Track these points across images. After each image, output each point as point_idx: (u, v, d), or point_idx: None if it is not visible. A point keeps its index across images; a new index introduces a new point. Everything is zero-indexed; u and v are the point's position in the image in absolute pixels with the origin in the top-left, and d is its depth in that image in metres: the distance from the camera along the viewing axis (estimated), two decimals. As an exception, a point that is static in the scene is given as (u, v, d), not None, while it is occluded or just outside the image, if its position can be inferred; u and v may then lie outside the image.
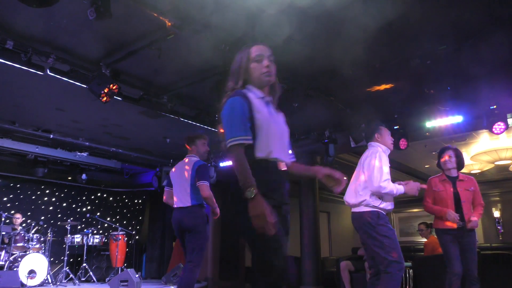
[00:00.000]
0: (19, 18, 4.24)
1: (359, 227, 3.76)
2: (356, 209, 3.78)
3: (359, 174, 3.84)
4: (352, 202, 3.81)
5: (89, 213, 10.69)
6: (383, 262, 3.53)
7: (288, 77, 5.40)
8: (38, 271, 7.24)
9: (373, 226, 3.63)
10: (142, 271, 11.35)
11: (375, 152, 3.83)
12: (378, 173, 3.64)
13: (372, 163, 3.72)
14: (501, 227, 11.74)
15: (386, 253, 3.52)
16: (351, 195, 3.86)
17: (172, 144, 8.58)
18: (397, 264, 3.49)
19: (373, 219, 3.66)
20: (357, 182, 3.82)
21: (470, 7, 3.99)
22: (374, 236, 3.62)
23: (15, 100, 6.33)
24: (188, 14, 4.05)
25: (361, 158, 3.97)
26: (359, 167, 3.92)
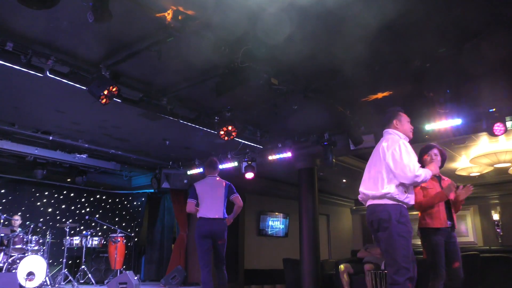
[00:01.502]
0: (19, 20, 4.24)
1: (377, 221, 3.40)
2: (377, 201, 3.42)
3: (379, 164, 3.48)
4: (373, 194, 3.45)
5: (88, 215, 10.67)
6: (392, 266, 3.24)
7: (288, 78, 5.40)
8: (36, 273, 7.22)
9: (392, 223, 3.29)
10: (141, 273, 11.33)
11: (396, 141, 3.51)
12: (409, 163, 3.30)
13: (398, 153, 3.37)
14: (500, 230, 11.73)
15: (399, 256, 3.22)
16: (371, 186, 3.50)
17: (172, 146, 8.58)
18: (406, 272, 3.19)
19: (396, 214, 3.31)
20: (378, 172, 3.46)
21: (471, 8, 4.00)
22: (390, 234, 3.28)
23: (15, 101, 6.32)
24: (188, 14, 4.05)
25: (378, 146, 3.64)
26: (377, 157, 3.57)
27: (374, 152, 3.70)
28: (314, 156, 8.10)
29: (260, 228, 12.19)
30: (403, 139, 3.58)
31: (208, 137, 7.51)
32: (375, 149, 3.69)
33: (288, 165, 8.48)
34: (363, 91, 5.88)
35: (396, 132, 3.65)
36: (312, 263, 7.67)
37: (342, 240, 14.47)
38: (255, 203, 12.04)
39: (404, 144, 3.46)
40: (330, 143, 7.27)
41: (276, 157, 8.21)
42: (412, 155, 3.40)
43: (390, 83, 5.55)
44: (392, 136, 3.62)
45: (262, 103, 6.19)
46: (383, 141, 3.64)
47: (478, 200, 11.93)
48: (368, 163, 3.72)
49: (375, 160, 3.58)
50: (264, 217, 12.32)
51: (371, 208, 3.48)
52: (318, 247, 7.83)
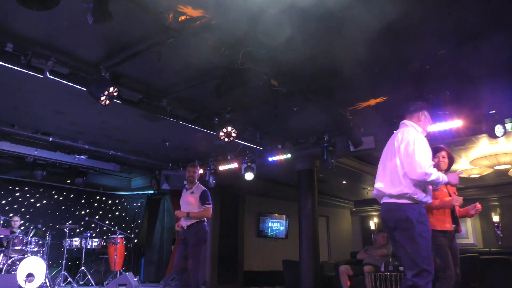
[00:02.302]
0: (19, 21, 4.24)
1: (394, 221, 3.22)
2: (395, 200, 3.23)
3: (394, 158, 3.31)
4: (390, 192, 3.26)
5: (87, 216, 10.67)
6: (413, 268, 3.05)
7: (288, 80, 5.40)
8: (36, 274, 7.22)
9: (413, 223, 3.11)
10: (141, 274, 11.32)
11: (411, 133, 3.34)
12: (421, 159, 3.13)
13: (411, 147, 3.19)
14: (500, 231, 11.72)
15: (420, 258, 3.04)
16: (387, 183, 3.31)
17: (171, 147, 8.58)
18: (428, 275, 3.02)
19: (415, 214, 3.13)
20: (394, 168, 3.28)
21: (471, 9, 4.00)
22: (411, 235, 3.10)
23: (15, 102, 6.32)
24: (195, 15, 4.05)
25: (393, 139, 3.45)
26: (392, 150, 3.38)
27: (388, 146, 3.52)
28: (313, 158, 8.10)
29: (259, 230, 12.18)
30: (420, 133, 3.42)
31: (207, 138, 7.51)
32: (389, 142, 3.51)
33: (288, 167, 8.48)
34: (363, 92, 5.89)
35: (414, 125, 3.48)
36: (311, 264, 7.66)
37: (341, 242, 14.46)
38: (254, 205, 12.04)
39: (420, 138, 3.29)
40: (330, 145, 7.27)
41: (275, 158, 8.21)
42: (426, 150, 3.22)
43: (390, 84, 5.55)
44: (408, 128, 3.45)
45: (262, 105, 6.19)
46: (397, 132, 3.46)
47: (478, 202, 11.92)
48: (382, 157, 3.54)
49: (390, 154, 3.39)
50: (263, 218, 12.32)
51: (387, 206, 3.31)
52: (317, 248, 7.83)
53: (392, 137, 3.50)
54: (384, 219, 3.36)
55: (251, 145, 7.98)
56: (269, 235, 12.43)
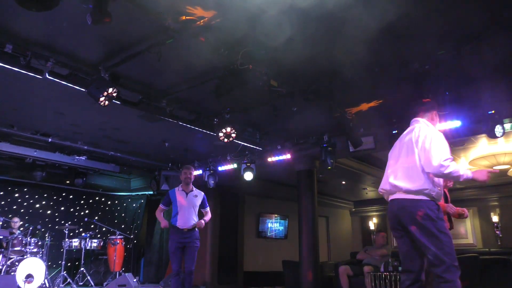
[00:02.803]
0: (18, 22, 4.24)
1: (410, 218, 3.07)
2: (410, 196, 3.11)
3: (413, 153, 3.19)
4: (408, 188, 3.12)
5: (87, 217, 10.66)
6: (439, 265, 2.92)
7: (288, 80, 5.41)
8: (35, 275, 7.21)
9: (433, 220, 3.00)
10: (140, 275, 11.31)
11: (429, 129, 3.28)
12: (438, 151, 3.04)
13: (428, 140, 3.11)
14: (500, 232, 11.73)
15: (445, 255, 2.92)
16: (404, 178, 3.18)
17: (171, 148, 8.57)
18: (455, 270, 2.93)
19: (434, 211, 3.03)
20: (412, 163, 3.16)
21: (471, 10, 4.00)
22: (433, 232, 2.98)
23: (14, 103, 6.32)
24: (186, 15, 4.05)
25: (408, 135, 3.34)
26: (409, 145, 3.26)
27: (402, 142, 3.39)
28: (313, 158, 8.11)
29: (259, 230, 12.18)
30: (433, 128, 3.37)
31: (207, 139, 7.51)
32: (403, 139, 3.39)
33: (288, 167, 8.48)
34: (362, 93, 5.89)
35: (427, 123, 3.41)
36: (311, 265, 7.66)
37: (341, 242, 14.46)
38: (254, 205, 12.03)
39: (437, 132, 3.22)
40: (329, 145, 7.27)
41: (275, 159, 8.21)
42: (444, 144, 3.13)
43: (389, 85, 5.56)
44: (423, 125, 3.36)
45: (262, 105, 6.19)
46: (413, 129, 3.35)
47: (478, 202, 11.94)
48: (393, 153, 3.43)
49: (407, 150, 3.26)
50: (263, 219, 12.32)
51: (402, 202, 3.15)
52: (317, 249, 7.83)
53: (405, 134, 3.42)
54: (397, 216, 3.19)
55: (250, 145, 7.98)
56: (269, 235, 12.43)
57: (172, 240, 5.55)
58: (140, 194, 12.11)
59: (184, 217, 5.58)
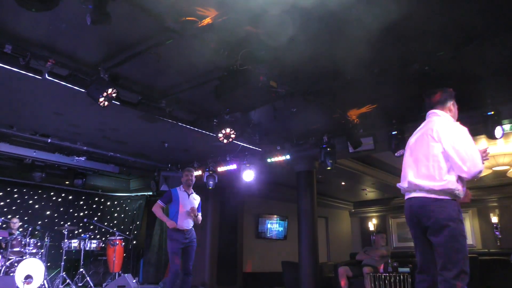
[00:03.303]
0: (18, 22, 4.24)
1: (432, 218, 2.91)
2: (433, 195, 2.93)
3: (433, 148, 3.00)
4: (430, 186, 2.94)
5: (86, 217, 10.66)
6: (452, 269, 2.81)
7: (288, 80, 5.40)
8: (34, 276, 7.20)
9: (456, 222, 2.86)
10: (140, 276, 11.30)
11: (454, 124, 3.07)
12: (473, 153, 2.86)
13: (458, 140, 2.92)
14: (499, 232, 11.74)
15: (460, 260, 2.83)
16: (425, 175, 3.00)
17: (170, 149, 8.57)
18: (466, 277, 2.83)
19: (456, 212, 2.89)
20: (436, 161, 2.97)
21: (472, 10, 4.00)
22: (454, 235, 2.84)
23: (13, 104, 6.31)
24: (190, 15, 4.05)
25: (428, 129, 3.12)
26: (430, 140, 3.04)
27: (419, 135, 3.20)
28: (313, 159, 8.10)
29: (258, 231, 12.18)
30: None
31: (207, 140, 7.51)
32: (420, 132, 3.21)
33: (287, 168, 8.48)
34: (363, 93, 5.88)
35: (447, 115, 3.17)
36: (311, 266, 7.65)
37: (340, 243, 14.46)
38: (253, 206, 12.03)
39: (465, 130, 3.01)
40: (329, 146, 7.27)
41: (275, 159, 8.21)
42: (474, 143, 2.95)
43: (390, 85, 5.55)
44: (446, 119, 3.13)
45: (262, 106, 6.19)
46: (435, 122, 3.13)
47: (477, 203, 11.95)
48: (411, 148, 3.22)
49: (427, 146, 3.05)
50: (262, 219, 12.31)
51: (424, 201, 2.97)
52: (317, 250, 7.82)
53: (422, 127, 3.23)
54: (416, 215, 3.01)
55: (250, 146, 7.97)
56: (268, 236, 12.43)
57: (175, 240, 5.53)
58: (139, 195, 12.11)
59: (185, 218, 5.61)
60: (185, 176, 5.83)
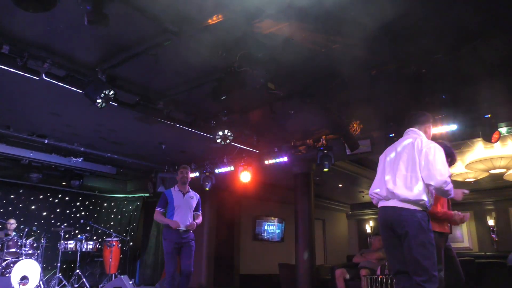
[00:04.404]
0: (15, 23, 4.23)
1: (405, 227, 3.17)
2: (407, 205, 3.20)
3: (415, 163, 3.27)
4: (405, 196, 3.21)
5: (83, 218, 10.62)
6: (422, 275, 3.06)
7: (285, 82, 5.41)
8: (30, 277, 7.17)
9: (425, 231, 3.14)
10: (136, 277, 11.26)
11: (429, 141, 3.38)
12: (442, 166, 3.16)
13: (432, 154, 3.21)
14: (496, 235, 11.77)
15: (430, 265, 3.08)
16: (402, 186, 3.25)
17: (168, 150, 8.56)
18: (436, 280, 3.09)
19: (426, 222, 3.17)
20: (414, 173, 3.24)
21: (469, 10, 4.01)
22: (423, 242, 3.11)
23: (10, 104, 6.30)
24: (187, 15, 4.05)
25: (407, 143, 3.42)
26: (410, 154, 3.33)
27: (401, 148, 3.45)
28: (310, 161, 8.11)
29: (255, 233, 12.16)
30: None
31: (204, 141, 7.50)
32: (402, 145, 3.46)
33: (284, 170, 8.49)
34: (360, 94, 5.89)
35: (422, 134, 3.53)
36: (307, 268, 7.65)
37: (337, 245, 14.46)
38: (251, 208, 12.02)
39: (439, 147, 3.32)
40: (326, 148, 7.28)
41: (272, 161, 8.21)
42: (445, 160, 3.26)
43: (387, 86, 5.56)
44: (421, 137, 3.46)
45: (259, 107, 6.20)
46: (413, 138, 3.43)
47: (474, 205, 11.98)
48: (391, 159, 3.48)
49: (407, 157, 3.34)
50: (259, 221, 12.30)
51: (398, 210, 3.23)
52: (313, 252, 7.82)
53: (401, 142, 3.52)
54: (391, 222, 3.28)
55: (247, 148, 7.97)
56: (265, 238, 12.41)
57: (169, 240, 5.42)
58: (136, 196, 12.07)
59: (181, 218, 5.48)
60: (180, 174, 5.72)
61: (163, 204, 5.63)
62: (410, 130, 3.59)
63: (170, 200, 5.59)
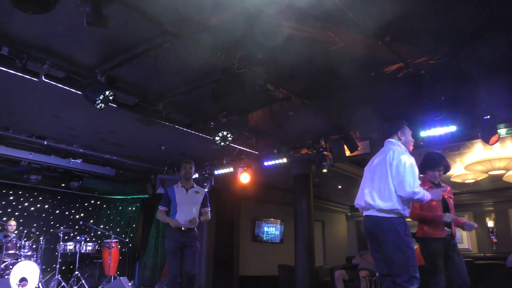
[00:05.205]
0: (15, 24, 4.23)
1: (381, 234, 3.49)
2: (383, 214, 3.49)
3: (387, 175, 3.52)
4: (380, 207, 3.49)
5: (82, 220, 10.63)
6: (402, 276, 3.33)
7: (285, 83, 5.41)
8: (29, 279, 7.16)
9: (401, 236, 3.40)
10: (135, 279, 11.26)
11: (401, 153, 3.58)
12: (411, 178, 3.41)
13: (402, 166, 3.45)
14: (495, 236, 11.77)
15: (409, 267, 3.34)
16: (377, 197, 3.54)
17: (167, 152, 8.56)
18: (416, 281, 3.33)
19: (402, 228, 3.43)
20: (386, 184, 3.51)
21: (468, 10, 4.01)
22: (400, 246, 3.39)
23: (10, 106, 6.30)
24: (186, 16, 4.05)
25: (382, 156, 3.68)
26: (383, 166, 3.59)
27: (377, 161, 3.73)
28: (309, 162, 8.11)
29: (255, 234, 12.16)
30: (405, 151, 3.69)
31: (203, 143, 7.50)
32: (378, 158, 3.74)
33: (284, 171, 8.48)
34: (359, 95, 5.88)
35: (399, 144, 3.76)
36: (307, 269, 7.65)
37: (337, 247, 14.46)
38: (250, 209, 12.02)
39: (410, 159, 3.54)
40: (325, 149, 7.28)
41: (271, 163, 8.21)
42: (415, 171, 3.49)
43: (386, 87, 5.56)
44: (396, 147, 3.70)
45: (258, 109, 6.20)
46: (387, 151, 3.68)
47: (473, 207, 11.98)
48: (369, 171, 3.77)
49: (381, 170, 3.60)
50: (259, 223, 12.30)
51: (376, 219, 3.54)
52: (313, 253, 7.82)
53: (380, 154, 3.78)
54: (371, 231, 3.60)
55: (247, 149, 7.97)
56: (265, 239, 12.41)
57: (170, 239, 5.14)
58: (135, 197, 12.07)
59: (184, 215, 5.18)
60: (183, 169, 5.43)
61: (166, 203, 5.35)
62: (386, 141, 3.86)
63: (173, 197, 5.31)
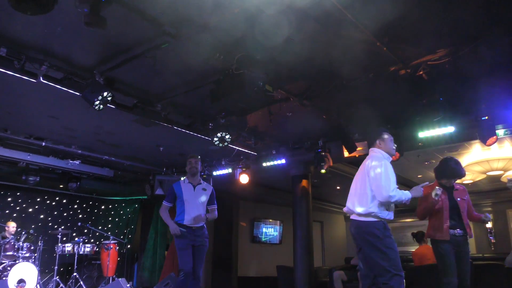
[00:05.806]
0: (13, 25, 4.22)
1: (360, 237, 3.70)
2: (362, 218, 3.71)
3: (365, 182, 3.75)
4: (359, 212, 3.72)
5: (80, 221, 10.59)
6: (385, 275, 3.50)
7: (284, 83, 5.41)
8: (27, 280, 7.14)
9: (379, 238, 3.58)
10: (134, 280, 11.24)
11: (379, 159, 3.77)
12: (386, 183, 3.59)
13: (378, 172, 3.66)
14: (493, 237, 11.78)
15: (390, 266, 3.49)
16: (357, 202, 3.78)
17: (166, 153, 8.55)
18: (399, 278, 3.49)
19: (380, 230, 3.61)
20: (364, 189, 3.74)
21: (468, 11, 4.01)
22: (379, 247, 3.56)
23: (7, 107, 6.28)
24: (186, 17, 4.05)
25: (364, 164, 3.89)
26: (363, 174, 3.82)
27: (360, 168, 3.94)
28: (308, 163, 8.11)
29: (254, 235, 12.16)
30: (386, 158, 3.84)
31: (202, 144, 7.50)
32: (362, 166, 3.94)
33: (282, 172, 8.48)
34: (359, 95, 5.89)
35: (380, 151, 3.91)
36: (305, 270, 7.65)
37: (335, 247, 14.47)
38: (249, 210, 12.02)
39: (385, 164, 3.72)
40: (324, 150, 7.28)
41: (270, 163, 8.21)
42: (391, 176, 3.66)
43: (386, 88, 5.56)
44: (376, 154, 3.89)
45: (257, 110, 6.20)
46: (368, 158, 3.91)
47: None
48: (355, 178, 3.99)
49: (361, 177, 3.83)
50: (258, 224, 12.30)
51: (356, 223, 3.76)
52: (311, 254, 7.81)
53: (363, 162, 3.95)
54: (353, 234, 3.81)
55: (245, 150, 7.97)
56: (264, 240, 12.41)
57: (181, 237, 4.86)
58: (134, 198, 12.06)
59: (193, 213, 4.90)
60: (188, 164, 5.12)
61: (171, 199, 5.05)
62: (370, 150, 4.05)
63: (179, 194, 5.00)
